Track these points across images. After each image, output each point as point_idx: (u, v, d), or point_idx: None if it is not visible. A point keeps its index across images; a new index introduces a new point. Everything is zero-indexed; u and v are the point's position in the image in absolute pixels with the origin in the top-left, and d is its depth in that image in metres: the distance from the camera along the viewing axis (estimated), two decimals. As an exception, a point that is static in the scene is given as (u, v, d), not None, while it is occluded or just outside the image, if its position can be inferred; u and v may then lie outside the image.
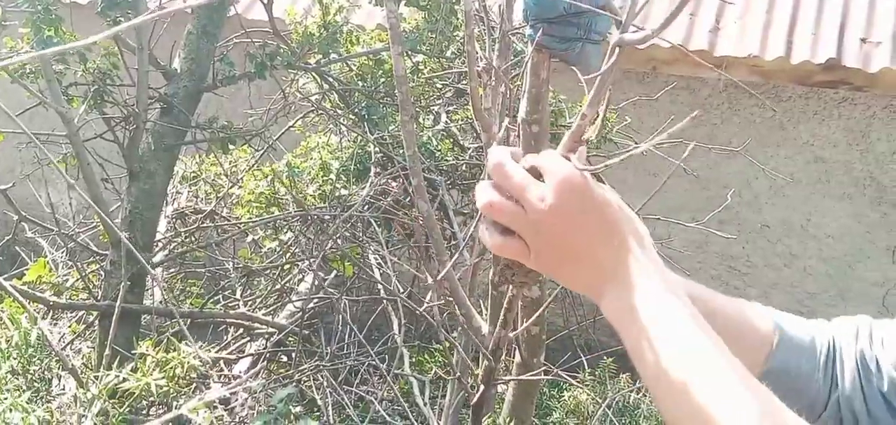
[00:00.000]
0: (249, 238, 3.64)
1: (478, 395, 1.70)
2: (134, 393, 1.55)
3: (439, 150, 3.15)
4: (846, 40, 3.72)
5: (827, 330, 1.13)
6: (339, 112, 3.26)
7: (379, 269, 3.04)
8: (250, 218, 3.42)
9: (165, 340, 2.76)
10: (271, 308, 3.62)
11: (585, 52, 1.21)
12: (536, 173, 0.94)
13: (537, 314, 2.24)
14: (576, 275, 0.92)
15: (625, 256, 0.89)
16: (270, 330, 3.43)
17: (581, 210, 0.89)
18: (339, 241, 3.22)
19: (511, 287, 1.25)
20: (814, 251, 4.27)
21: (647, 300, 0.87)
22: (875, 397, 1.05)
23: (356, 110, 3.13)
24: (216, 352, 3.20)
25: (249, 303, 3.60)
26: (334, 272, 3.47)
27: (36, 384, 2.33)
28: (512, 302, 1.37)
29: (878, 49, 3.66)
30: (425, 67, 3.13)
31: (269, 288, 3.67)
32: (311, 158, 3.35)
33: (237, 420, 2.75)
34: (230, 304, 3.59)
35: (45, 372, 2.49)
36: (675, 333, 0.85)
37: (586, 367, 3.48)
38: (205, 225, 3.57)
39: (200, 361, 2.24)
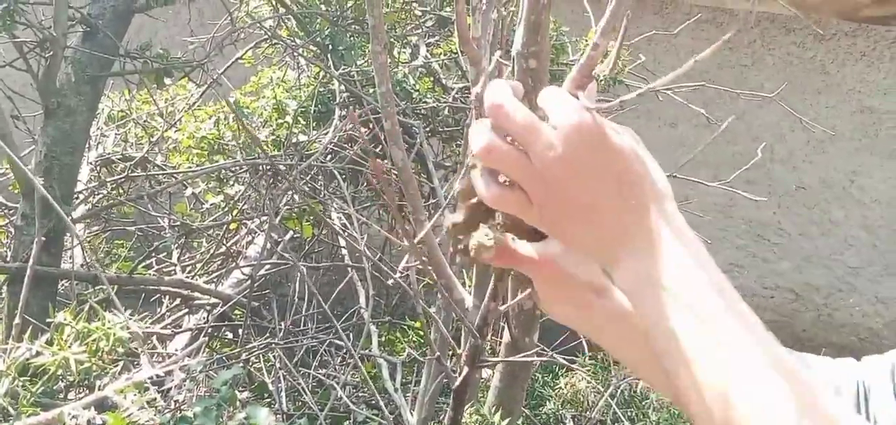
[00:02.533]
0: (189, 191, 3.63)
1: (461, 379, 1.71)
2: (49, 369, 1.55)
3: (417, 90, 3.14)
4: (901, -31, 3.73)
5: (855, 371, 1.15)
6: (298, 42, 3.24)
7: (344, 231, 3.04)
8: (190, 167, 3.41)
9: (87, 309, 2.75)
10: (214, 275, 3.63)
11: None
12: (541, 115, 0.93)
13: (530, 288, 2.24)
14: (586, 235, 0.92)
15: (644, 218, 0.89)
16: (213, 300, 3.44)
17: (595, 161, 0.89)
18: (295, 197, 3.21)
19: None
20: (858, 218, 4.31)
21: (669, 271, 0.87)
22: None
23: (318, 39, 3.11)
24: (148, 325, 3.19)
25: (188, 268, 3.60)
26: (290, 233, 3.47)
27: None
28: (503, 271, 1.37)
29: (938, -19, 3.68)
30: (402, -11, 3.12)
31: (211, 250, 3.67)
32: (264, 97, 3.33)
33: (172, 404, 2.76)
34: (165, 269, 3.58)
35: (-56, 346, 2.49)
36: (701, 313, 0.85)
37: (586, 350, 3.51)
38: (135, 174, 3.54)
39: (129, 334, 2.24)
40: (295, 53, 3.33)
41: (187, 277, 3.45)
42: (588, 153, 0.88)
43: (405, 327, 3.58)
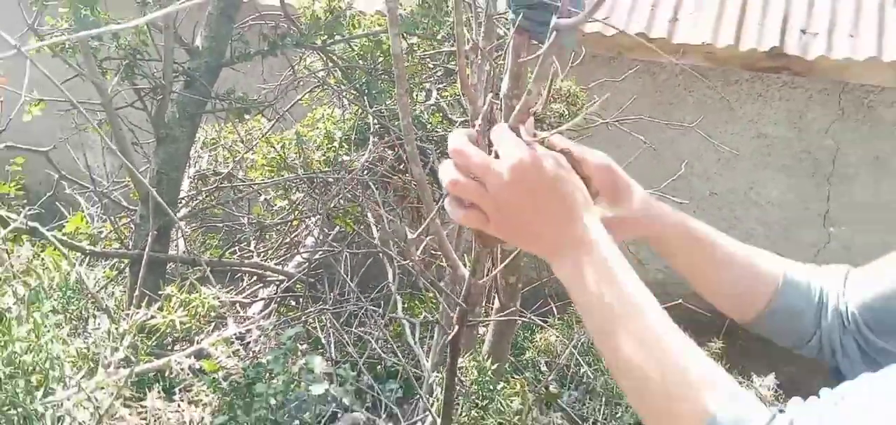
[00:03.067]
0: (262, 197, 3.64)
1: (453, 334, 1.71)
2: (160, 329, 1.55)
3: (430, 123, 3.14)
4: (788, 31, 3.72)
5: (820, 274, 1.17)
6: (342, 87, 3.24)
7: (376, 226, 3.04)
8: (263, 179, 3.41)
9: (188, 284, 2.76)
10: (281, 259, 3.63)
11: (561, 33, 1.20)
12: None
13: (509, 259, 2.24)
14: (530, 243, 0.94)
15: (570, 229, 0.90)
16: (280, 278, 3.44)
17: (532, 189, 0.90)
18: (340, 201, 3.21)
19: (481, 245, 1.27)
20: (755, 216, 4.30)
21: (587, 269, 0.88)
22: (848, 335, 1.10)
23: (357, 85, 3.11)
24: (233, 296, 3.20)
25: (262, 254, 3.60)
26: (337, 228, 3.47)
27: (74, 322, 2.33)
28: (479, 256, 1.39)
29: (815, 39, 3.67)
30: (419, 48, 3.11)
31: (279, 241, 3.67)
32: (317, 128, 3.34)
33: (251, 354, 2.76)
34: (245, 255, 3.59)
35: (82, 312, 2.49)
36: (608, 298, 0.87)
37: (556, 313, 3.50)
38: (223, 185, 3.55)
39: (219, 302, 2.25)
40: (340, 96, 3.34)
41: (261, 261, 3.46)
42: (527, 182, 0.89)
43: (422, 297, 3.57)
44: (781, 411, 0.84)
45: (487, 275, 1.95)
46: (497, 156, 0.92)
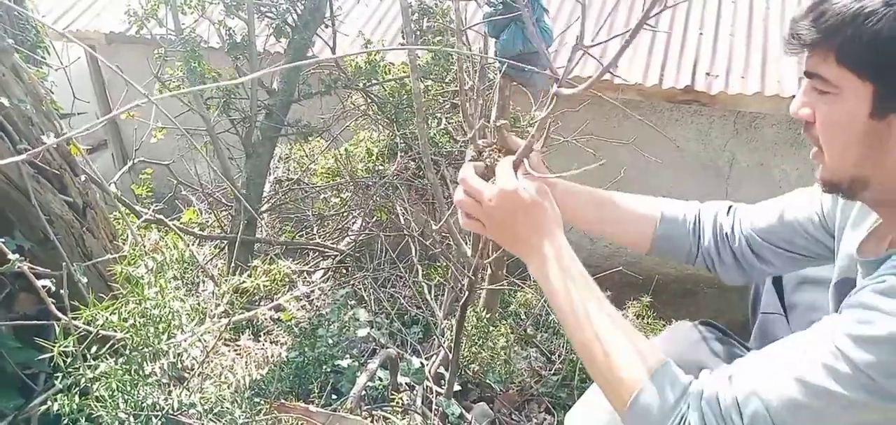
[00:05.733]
0: (321, 196, 3.63)
1: (465, 298, 1.71)
2: (249, 290, 1.55)
3: (441, 142, 3.13)
4: (697, 73, 3.70)
5: (695, 207, 1.17)
6: (378, 116, 3.23)
7: (403, 216, 3.03)
8: (322, 183, 3.41)
9: (269, 258, 2.76)
10: (336, 240, 3.63)
11: (534, 78, 1.20)
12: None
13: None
14: (511, 246, 0.95)
15: (539, 242, 0.91)
16: (335, 253, 3.44)
17: (512, 210, 0.92)
18: (377, 199, 3.21)
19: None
20: (674, 207, 4.28)
21: (550, 272, 0.90)
22: (726, 251, 1.09)
23: (388, 115, 3.10)
24: (301, 266, 3.20)
25: (322, 236, 3.60)
26: (375, 218, 3.47)
27: (188, 286, 2.34)
28: (478, 241, 1.39)
29: (716, 80, 3.64)
30: (432, 89, 3.10)
31: (334, 227, 3.67)
32: (360, 146, 3.33)
33: (315, 308, 2.76)
34: (310, 237, 3.59)
35: (194, 278, 2.50)
36: (563, 294, 0.89)
37: (533, 278, 3.47)
38: (294, 188, 3.55)
39: (291, 271, 2.25)
40: (376, 123, 3.32)
41: (321, 241, 3.46)
42: (508, 205, 0.92)
43: (436, 267, 3.57)
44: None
45: (485, 255, 1.94)
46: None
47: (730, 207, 1.14)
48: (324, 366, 2.08)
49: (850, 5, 0.70)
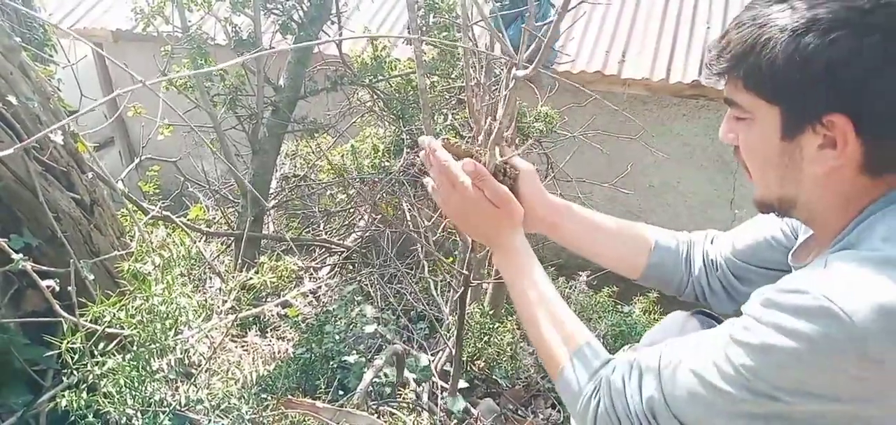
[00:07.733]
0: (328, 192, 3.64)
1: (461, 292, 1.71)
2: (256, 286, 1.55)
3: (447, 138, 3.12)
4: (704, 68, 3.67)
5: (685, 237, 1.16)
6: (384, 112, 3.23)
7: (408, 212, 3.03)
8: (328, 179, 3.41)
9: (276, 255, 2.77)
10: (342, 236, 3.63)
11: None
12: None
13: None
14: (474, 238, 1.06)
15: (498, 239, 0.98)
16: (341, 249, 3.44)
17: (476, 212, 0.97)
18: (384, 195, 3.20)
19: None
20: (681, 202, 4.25)
21: (509, 266, 0.97)
22: (714, 279, 1.09)
23: (394, 111, 3.09)
24: (307, 262, 3.21)
25: (328, 232, 3.61)
26: (381, 214, 3.47)
27: (195, 282, 2.35)
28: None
29: (725, 74, 3.62)
30: (438, 84, 3.09)
31: (340, 223, 3.68)
32: (366, 142, 3.32)
33: (321, 304, 2.77)
34: (316, 233, 3.59)
35: (202, 275, 2.51)
36: (518, 288, 0.95)
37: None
38: (300, 184, 3.55)
39: (298, 267, 2.25)
40: (382, 119, 3.32)
41: (328, 237, 3.46)
42: (450, 204, 0.99)
43: (442, 262, 3.57)
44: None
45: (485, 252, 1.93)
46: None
47: (713, 237, 1.14)
48: (331, 362, 2.08)
49: (751, 33, 0.75)
